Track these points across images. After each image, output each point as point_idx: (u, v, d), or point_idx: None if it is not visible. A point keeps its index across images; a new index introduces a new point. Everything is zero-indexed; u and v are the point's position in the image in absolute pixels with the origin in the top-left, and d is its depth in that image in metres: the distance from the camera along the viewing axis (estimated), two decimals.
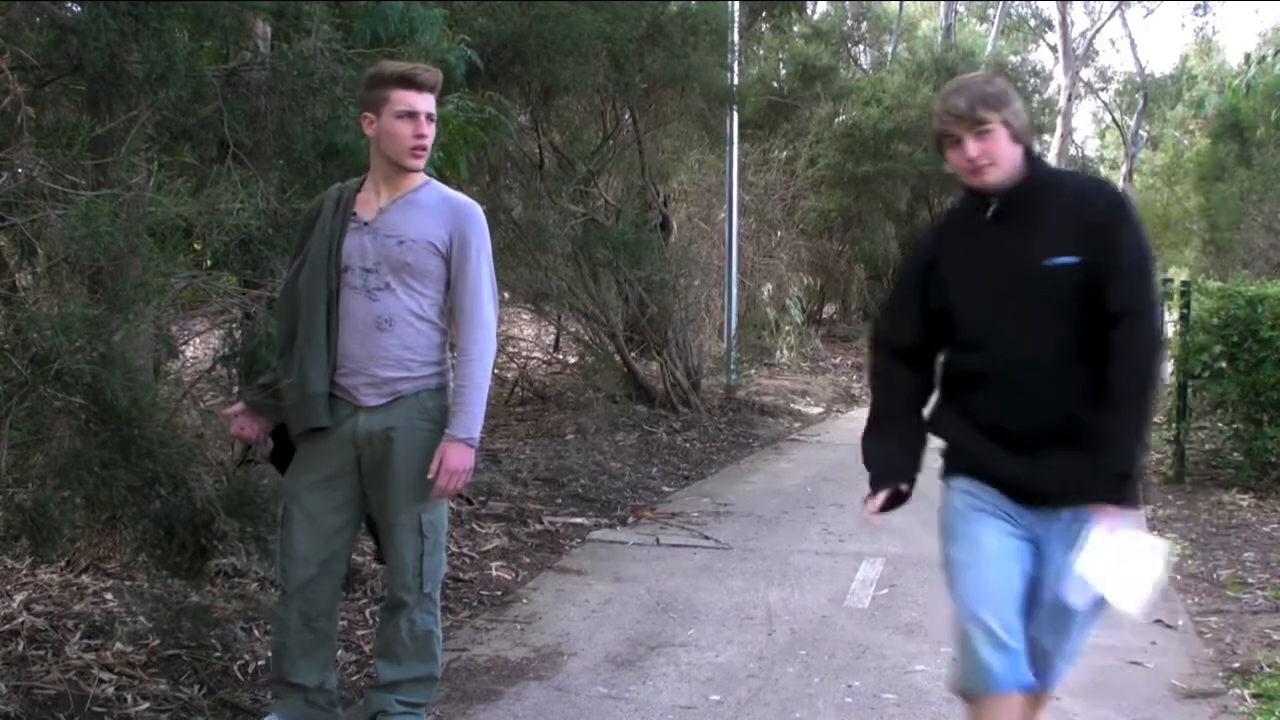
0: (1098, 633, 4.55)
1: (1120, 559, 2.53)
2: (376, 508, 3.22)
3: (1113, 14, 30.74)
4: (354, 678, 3.95)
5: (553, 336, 13.13)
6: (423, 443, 3.14)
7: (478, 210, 3.23)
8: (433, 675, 3.34)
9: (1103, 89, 34.30)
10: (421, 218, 3.16)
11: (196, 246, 3.80)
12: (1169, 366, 8.53)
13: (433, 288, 3.16)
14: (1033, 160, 2.72)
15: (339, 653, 3.90)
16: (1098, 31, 31.16)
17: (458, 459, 3.10)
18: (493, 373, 3.32)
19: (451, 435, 3.12)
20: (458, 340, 3.20)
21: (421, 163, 3.16)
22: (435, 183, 3.25)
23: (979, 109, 2.61)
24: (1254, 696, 3.86)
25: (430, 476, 3.10)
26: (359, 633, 4.32)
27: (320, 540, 3.19)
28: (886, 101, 18.23)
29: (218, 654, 3.88)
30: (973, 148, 2.62)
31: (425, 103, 3.11)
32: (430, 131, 3.13)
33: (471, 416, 3.14)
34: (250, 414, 3.28)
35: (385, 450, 3.13)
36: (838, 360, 15.48)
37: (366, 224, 3.15)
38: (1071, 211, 2.65)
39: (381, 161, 3.16)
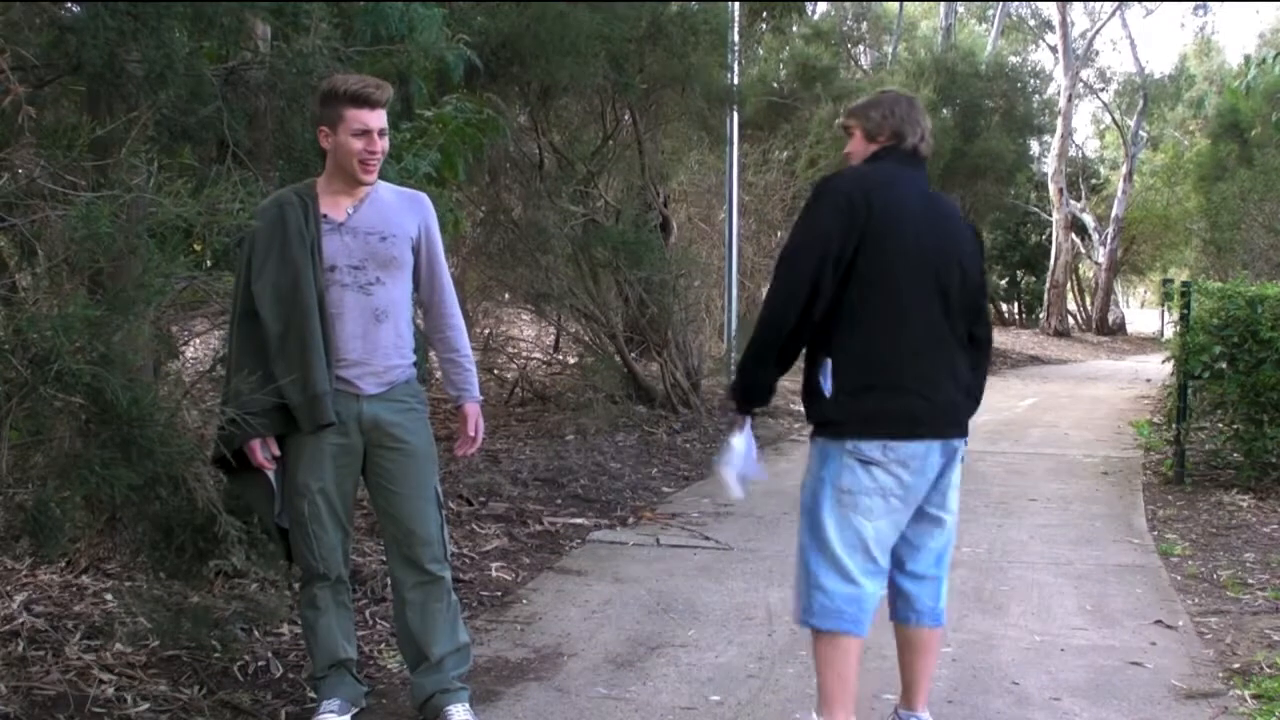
0: (1097, 633, 4.56)
1: (729, 457, 3.35)
2: (390, 491, 3.35)
3: (1113, 14, 30.78)
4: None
5: (553, 337, 13.14)
6: (424, 420, 3.42)
7: (428, 198, 3.49)
8: (468, 642, 3.56)
9: (1103, 89, 34.32)
10: (392, 213, 3.34)
11: (197, 247, 3.81)
12: (1171, 367, 8.54)
13: (408, 277, 3.38)
14: (872, 158, 3.24)
15: None
16: (1098, 32, 31.18)
17: (480, 416, 3.55)
18: (493, 373, 3.49)
19: (474, 398, 3.52)
20: (443, 317, 3.48)
21: (373, 176, 3.31)
22: (380, 180, 3.39)
23: (845, 117, 3.31)
24: (1254, 697, 3.86)
25: (473, 434, 3.50)
26: (358, 633, 4.31)
27: (343, 526, 3.39)
28: None
29: (218, 654, 3.88)
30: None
31: (378, 119, 3.24)
32: (382, 145, 3.27)
33: (475, 378, 3.56)
34: (263, 440, 3.28)
35: (396, 434, 3.33)
36: None
37: (340, 224, 3.28)
38: None
39: (339, 170, 3.29)
